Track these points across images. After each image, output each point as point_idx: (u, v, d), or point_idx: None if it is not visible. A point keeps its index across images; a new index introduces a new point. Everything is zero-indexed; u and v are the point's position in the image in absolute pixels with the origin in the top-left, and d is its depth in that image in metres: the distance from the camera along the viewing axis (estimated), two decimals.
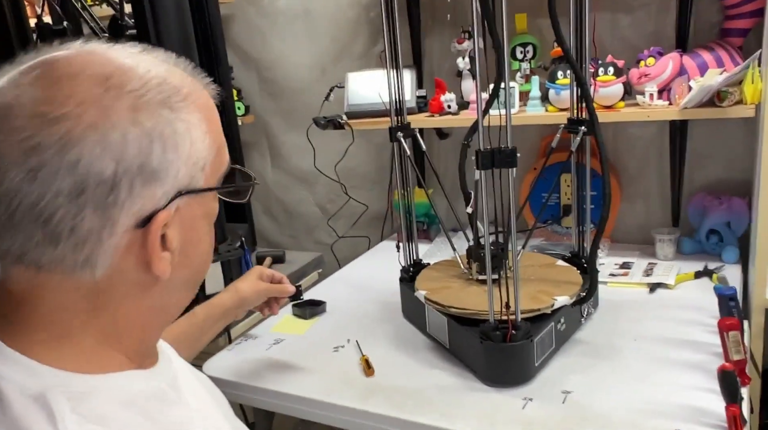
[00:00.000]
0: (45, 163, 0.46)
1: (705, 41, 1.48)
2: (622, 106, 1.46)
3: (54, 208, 0.46)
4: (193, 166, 0.53)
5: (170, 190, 0.51)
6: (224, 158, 0.59)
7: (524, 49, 1.60)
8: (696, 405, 0.98)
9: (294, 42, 2.02)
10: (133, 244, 0.51)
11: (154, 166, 0.49)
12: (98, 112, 0.47)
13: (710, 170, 1.62)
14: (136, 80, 0.50)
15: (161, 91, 0.51)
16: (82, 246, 0.48)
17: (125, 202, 0.49)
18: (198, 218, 0.56)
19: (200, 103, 0.55)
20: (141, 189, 0.49)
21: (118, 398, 0.53)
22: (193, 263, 0.58)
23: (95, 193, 0.47)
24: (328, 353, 1.27)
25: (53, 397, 0.49)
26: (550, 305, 1.13)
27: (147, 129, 0.49)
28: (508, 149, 1.02)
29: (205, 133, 0.54)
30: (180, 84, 0.54)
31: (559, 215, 1.72)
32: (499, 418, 1.00)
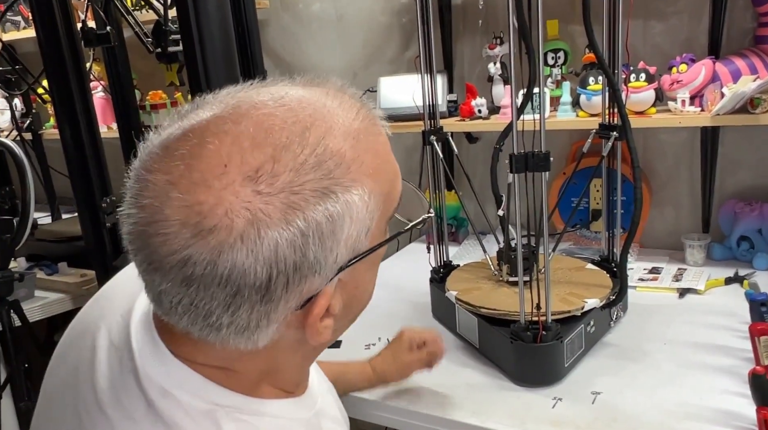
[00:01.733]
0: (197, 276, 0.44)
1: (738, 48, 1.48)
2: (654, 112, 1.46)
3: (210, 309, 0.46)
4: (356, 241, 0.49)
5: (330, 274, 0.48)
6: (393, 201, 0.54)
7: (555, 54, 1.62)
8: (726, 408, 0.98)
9: (327, 47, 2.06)
10: (293, 321, 0.50)
11: (310, 262, 0.46)
12: (248, 220, 0.43)
13: (742, 176, 1.62)
14: (290, 167, 0.45)
15: (319, 175, 0.46)
16: (243, 333, 0.48)
17: (281, 298, 0.47)
18: (363, 273, 0.53)
19: (364, 161, 0.49)
20: (298, 284, 0.47)
21: (276, 425, 0.55)
22: (357, 310, 0.57)
23: (250, 295, 0.45)
24: (359, 350, 1.30)
25: (221, 416, 0.51)
26: (580, 308, 1.15)
27: (301, 228, 0.45)
28: (541, 153, 1.04)
29: (370, 195, 0.49)
30: (342, 147, 0.48)
31: (588, 219, 1.73)
32: (530, 417, 1.02)
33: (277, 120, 0.47)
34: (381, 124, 0.54)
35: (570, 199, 1.69)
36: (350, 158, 0.48)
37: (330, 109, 0.50)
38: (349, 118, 0.50)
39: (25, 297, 1.66)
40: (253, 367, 0.55)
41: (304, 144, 0.46)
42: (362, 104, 0.53)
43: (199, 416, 0.50)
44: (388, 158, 0.54)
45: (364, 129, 0.51)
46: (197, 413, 0.50)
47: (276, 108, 0.48)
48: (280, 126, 0.46)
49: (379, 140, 0.52)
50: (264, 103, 0.48)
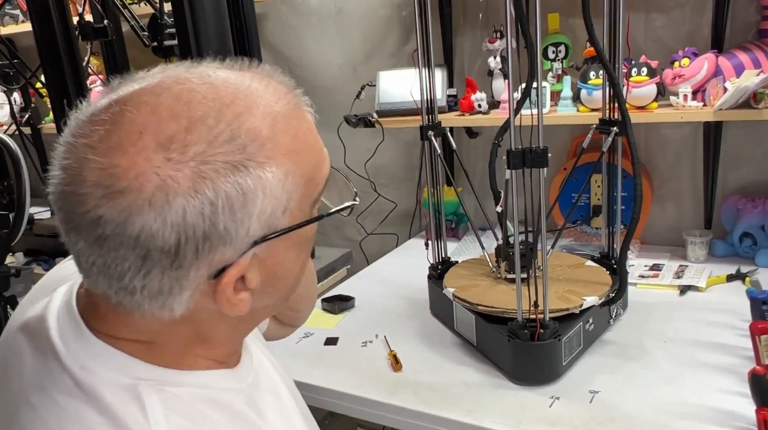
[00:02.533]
0: (108, 236, 0.46)
1: (741, 42, 1.46)
2: (655, 106, 1.45)
3: (123, 271, 0.48)
4: (270, 216, 0.50)
5: (242, 246, 0.50)
6: (319, 179, 0.56)
7: (556, 48, 1.60)
8: (726, 408, 0.97)
9: (326, 41, 2.05)
10: (207, 291, 0.51)
11: (220, 231, 0.48)
12: (157, 184, 0.46)
13: (744, 172, 1.60)
14: (203, 139, 0.47)
15: (231, 149, 0.48)
16: (156, 297, 0.50)
17: (191, 265, 0.48)
18: (284, 251, 0.54)
19: (281, 142, 0.51)
20: (208, 253, 0.48)
21: (205, 396, 0.55)
22: (281, 289, 0.57)
23: (160, 260, 0.47)
24: (356, 347, 1.29)
25: (144, 389, 0.52)
26: (579, 305, 1.13)
27: (210, 197, 0.47)
28: (539, 149, 1.03)
29: (287, 175, 0.51)
30: (259, 126, 0.50)
31: (588, 215, 1.71)
32: (526, 416, 1.00)
33: (198, 95, 0.49)
34: (307, 111, 0.56)
35: (570, 195, 1.67)
36: (266, 137, 0.50)
37: (253, 90, 0.52)
38: (272, 101, 0.52)
39: (21, 293, 1.65)
40: (178, 338, 0.55)
41: (220, 119, 0.48)
42: (289, 90, 0.55)
43: (121, 391, 0.51)
44: (312, 143, 0.55)
45: (286, 112, 0.53)
46: (120, 389, 0.51)
47: (199, 84, 0.50)
48: (199, 100, 0.49)
49: (301, 125, 0.54)
50: (188, 79, 0.50)
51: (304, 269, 0.60)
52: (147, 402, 0.51)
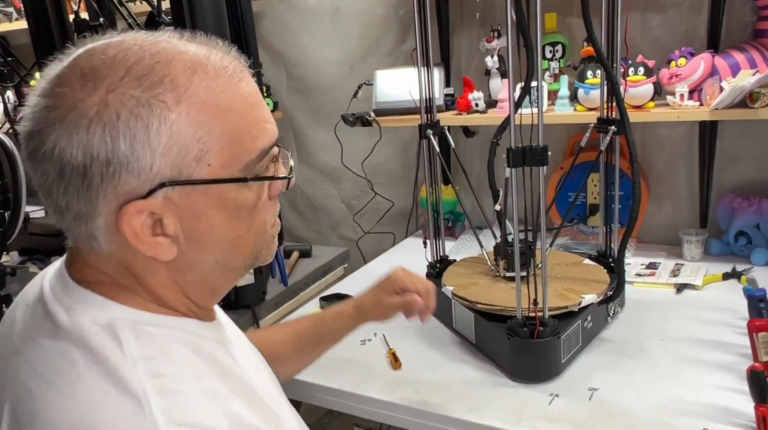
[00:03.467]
0: (35, 148, 0.53)
1: (737, 42, 1.47)
2: (652, 106, 1.45)
3: (50, 185, 0.54)
4: (179, 159, 0.54)
5: (149, 181, 0.53)
6: (251, 146, 0.58)
7: (553, 48, 1.61)
8: (724, 405, 0.98)
9: (323, 39, 2.04)
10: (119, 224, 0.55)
11: (121, 158, 0.52)
12: (70, 104, 0.52)
13: (740, 171, 1.61)
14: (117, 73, 0.53)
15: (140, 84, 0.52)
16: (80, 220, 0.55)
17: (100, 188, 0.53)
18: (206, 207, 0.57)
19: (197, 94, 0.54)
20: (113, 178, 0.53)
21: (178, 336, 0.59)
22: (211, 247, 0.59)
23: (73, 178, 0.52)
24: (355, 346, 1.29)
25: (120, 326, 0.56)
26: (578, 303, 1.14)
27: (112, 123, 0.52)
28: (539, 147, 1.03)
29: (201, 126, 0.54)
30: (176, 74, 0.54)
31: (585, 214, 1.72)
32: (526, 413, 1.01)
33: (134, 46, 0.55)
34: (246, 80, 0.59)
35: (567, 194, 1.68)
36: (180, 84, 0.54)
37: (188, 51, 0.57)
38: (201, 60, 0.56)
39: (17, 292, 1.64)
40: (136, 284, 0.59)
41: (140, 62, 0.54)
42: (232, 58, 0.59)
43: (99, 329, 0.55)
44: (242, 108, 0.58)
45: (214, 72, 0.56)
46: (98, 328, 0.55)
47: (142, 40, 0.56)
48: (130, 47, 0.55)
49: (229, 88, 0.57)
50: (138, 36, 0.57)
51: (244, 238, 0.61)
52: (122, 337, 0.55)
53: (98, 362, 0.53)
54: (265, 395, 0.61)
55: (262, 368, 0.74)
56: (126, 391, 0.52)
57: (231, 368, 0.60)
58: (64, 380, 0.53)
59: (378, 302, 1.01)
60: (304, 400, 1.22)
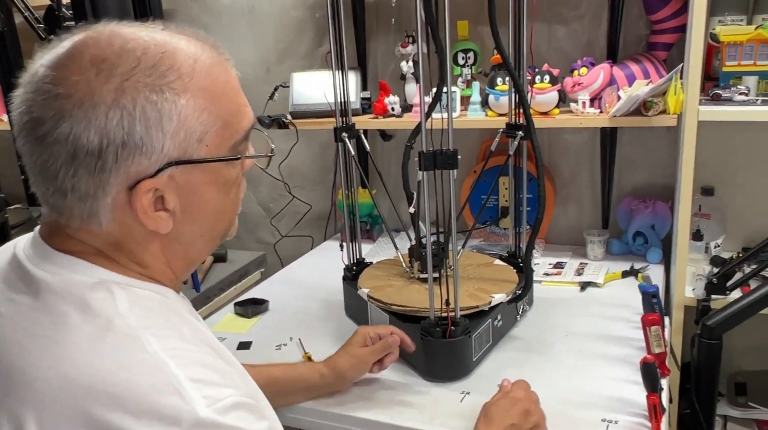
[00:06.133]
0: (44, 135, 0.55)
1: (633, 53, 1.57)
2: (557, 113, 1.52)
3: (57, 168, 0.56)
4: (185, 140, 0.59)
5: (158, 162, 0.58)
6: (238, 127, 0.64)
7: (466, 55, 1.65)
8: (621, 396, 1.04)
9: (238, 40, 2.01)
10: (127, 202, 0.58)
11: (136, 141, 0.56)
12: (86, 92, 0.55)
13: (637, 175, 1.71)
14: (129, 63, 0.56)
15: (151, 73, 0.57)
16: (84, 200, 0.58)
17: (113, 170, 0.56)
18: (201, 184, 0.62)
19: (199, 81, 0.59)
20: (127, 160, 0.56)
21: (161, 300, 0.63)
22: (201, 220, 0.64)
23: (85, 161, 0.55)
24: (270, 351, 1.27)
25: (111, 284, 0.59)
26: (488, 303, 1.17)
27: (129, 109, 0.55)
28: (449, 151, 1.06)
29: (202, 110, 0.59)
30: (180, 64, 0.59)
31: (497, 216, 1.78)
32: (438, 411, 1.03)
33: (136, 35, 0.59)
34: (231, 69, 0.65)
35: (480, 197, 1.73)
36: (185, 73, 0.59)
37: (184, 39, 0.62)
38: (198, 50, 0.61)
39: None
40: (122, 255, 0.62)
41: (147, 52, 0.58)
42: (215, 49, 0.64)
43: (88, 287, 0.58)
44: (231, 95, 0.63)
45: (208, 61, 0.61)
46: (86, 286, 0.59)
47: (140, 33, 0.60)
48: (134, 39, 0.58)
49: (221, 76, 0.62)
50: (133, 32, 0.60)
51: (225, 210, 0.66)
52: (115, 292, 0.58)
53: (92, 314, 0.56)
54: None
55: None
56: (125, 335, 0.55)
57: (207, 335, 0.65)
58: (60, 331, 0.55)
59: (353, 355, 1.07)
60: None
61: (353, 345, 1.09)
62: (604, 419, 0.98)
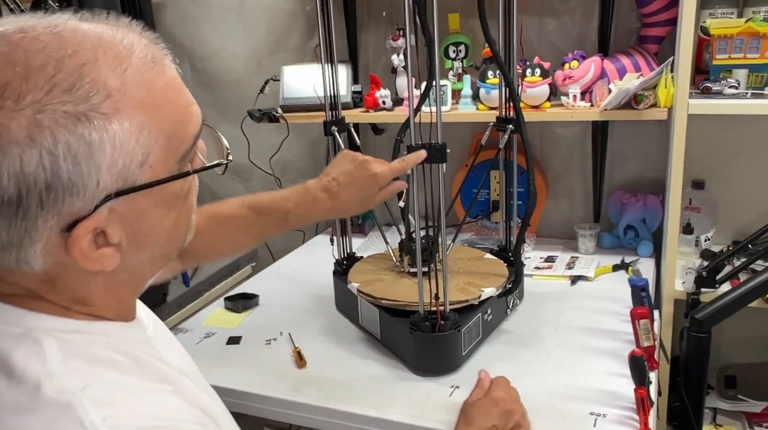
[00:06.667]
0: None
1: (624, 46, 1.57)
2: (548, 106, 1.52)
3: None
4: (124, 169, 0.50)
5: (94, 199, 0.49)
6: (185, 135, 0.54)
7: (457, 48, 1.64)
8: (609, 389, 1.04)
9: (229, 33, 1.99)
10: (61, 244, 0.50)
11: (64, 182, 0.47)
12: None
13: (628, 169, 1.71)
14: (40, 86, 0.45)
15: (71, 98, 0.46)
16: (8, 250, 0.49)
17: (38, 215, 0.47)
18: (148, 208, 0.54)
19: (133, 95, 0.50)
20: (55, 203, 0.47)
21: (103, 341, 0.55)
22: (152, 244, 0.57)
23: (2, 211, 0.46)
24: (260, 346, 1.27)
25: (40, 334, 0.51)
26: (477, 297, 1.17)
27: (49, 147, 0.45)
28: (438, 145, 1.05)
29: (141, 128, 0.50)
30: (107, 76, 0.48)
31: (488, 210, 1.77)
32: (428, 405, 1.03)
33: (39, 44, 0.47)
34: (167, 65, 0.54)
35: (471, 191, 1.73)
36: (113, 88, 0.48)
37: (104, 40, 0.50)
38: (125, 53, 0.51)
39: None
40: (57, 296, 0.55)
41: (60, 68, 0.47)
42: (150, 42, 0.54)
43: (14, 340, 0.51)
44: (173, 99, 0.54)
45: (140, 64, 0.51)
46: (11, 338, 0.51)
47: (43, 33, 0.48)
48: (40, 49, 0.47)
49: (159, 78, 0.52)
50: (33, 27, 0.49)
51: (179, 225, 0.59)
52: (45, 344, 0.51)
53: (17, 379, 0.48)
54: (193, 381, 0.61)
55: (186, 355, 0.73)
56: (57, 405, 0.48)
57: (155, 365, 0.58)
58: None
59: (349, 165, 1.06)
60: None
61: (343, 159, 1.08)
62: (593, 413, 0.98)
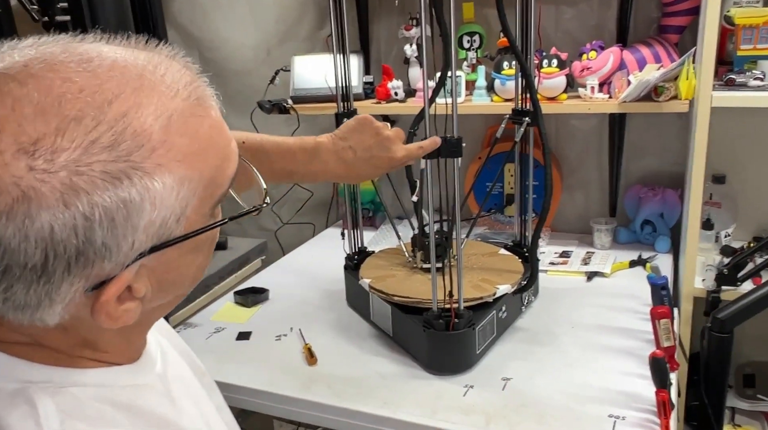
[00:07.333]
0: None
1: (644, 37, 1.52)
2: (565, 98, 1.48)
3: None
4: (162, 226, 0.45)
5: (126, 260, 0.45)
6: (220, 186, 0.50)
7: (471, 38, 1.61)
8: (628, 390, 1.01)
9: (238, 22, 1.96)
10: (85, 304, 0.46)
11: (97, 247, 0.42)
12: (17, 197, 0.39)
13: (646, 163, 1.67)
14: (78, 143, 0.40)
15: (113, 156, 0.41)
16: (23, 310, 0.44)
17: (63, 280, 0.43)
18: (178, 257, 0.49)
19: (177, 146, 0.45)
20: (83, 268, 0.43)
21: (104, 395, 0.51)
22: (176, 289, 0.53)
23: (23, 276, 0.41)
24: (270, 341, 1.25)
25: (35, 393, 0.47)
26: (492, 294, 1.15)
27: (84, 212, 0.40)
28: (454, 139, 1.02)
29: (182, 182, 0.45)
30: (150, 127, 0.43)
31: (502, 204, 1.74)
32: (441, 405, 1.01)
33: (74, 87, 0.41)
34: (211, 105, 0.49)
35: (485, 184, 1.70)
36: (157, 141, 0.44)
37: (146, 80, 0.45)
38: (169, 94, 0.45)
39: None
40: (63, 342, 0.50)
41: (101, 119, 0.41)
42: (193, 78, 0.49)
43: (7, 398, 0.46)
44: (216, 142, 0.49)
45: (185, 108, 0.46)
46: (6, 396, 0.46)
47: (77, 72, 0.42)
48: (75, 95, 0.41)
49: (203, 122, 0.48)
50: (64, 63, 0.42)
51: (202, 267, 0.55)
52: (40, 407, 0.46)
53: None
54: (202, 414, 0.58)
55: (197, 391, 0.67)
56: None
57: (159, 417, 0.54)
58: None
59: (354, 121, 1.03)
60: None
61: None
62: (611, 415, 0.96)
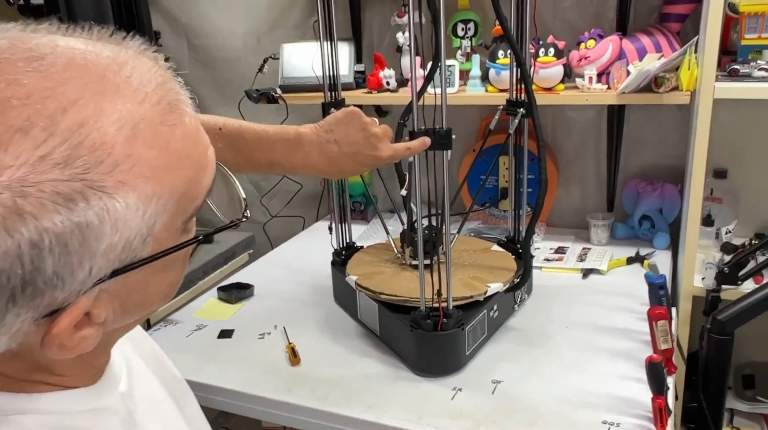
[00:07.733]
0: None
1: (644, 25, 1.47)
2: (562, 88, 1.43)
3: None
4: (125, 249, 0.40)
5: (82, 288, 0.39)
6: (194, 198, 0.44)
7: (465, 26, 1.55)
8: (623, 395, 0.97)
9: (227, 8, 1.90)
10: (36, 332, 0.40)
11: (47, 276, 0.37)
12: None
13: (645, 156, 1.62)
14: (24, 159, 0.34)
15: (67, 174, 0.35)
16: None
17: (7, 312, 0.37)
18: (144, 277, 0.43)
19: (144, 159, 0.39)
20: (31, 299, 0.37)
21: (55, 422, 0.46)
22: (142, 310, 0.47)
23: None
24: (253, 340, 1.20)
25: None
26: (483, 293, 1.10)
27: (31, 239, 0.35)
28: (443, 130, 0.97)
29: (149, 199, 0.39)
30: (112, 138, 0.37)
31: (497, 197, 1.69)
32: (427, 409, 0.96)
33: (20, 91, 0.35)
34: (184, 110, 0.43)
35: (479, 177, 1.65)
36: (120, 155, 0.37)
37: (109, 82, 0.38)
38: (135, 99, 0.39)
39: None
40: (12, 367, 0.45)
41: (53, 130, 0.35)
42: (164, 80, 0.42)
43: None
44: (189, 152, 0.42)
45: (154, 116, 0.40)
46: None
47: (26, 72, 0.36)
48: (22, 100, 0.35)
49: (175, 131, 0.41)
50: (10, 62, 0.36)
51: (174, 283, 0.49)
52: None
53: None
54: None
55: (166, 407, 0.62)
56: None
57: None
58: None
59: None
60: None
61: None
62: (605, 421, 0.91)
